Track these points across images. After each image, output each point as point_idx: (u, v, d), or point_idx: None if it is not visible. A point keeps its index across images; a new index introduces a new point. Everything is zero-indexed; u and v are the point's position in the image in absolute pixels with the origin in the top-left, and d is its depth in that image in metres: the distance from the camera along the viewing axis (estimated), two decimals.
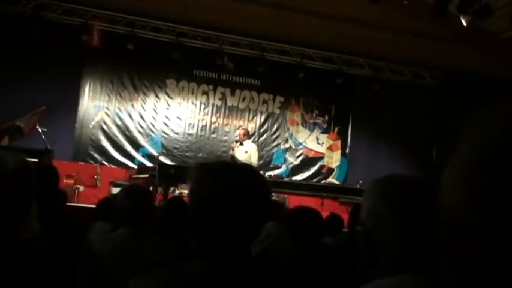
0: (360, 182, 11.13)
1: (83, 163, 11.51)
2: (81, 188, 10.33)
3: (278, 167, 12.75)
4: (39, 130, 9.47)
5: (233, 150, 9.81)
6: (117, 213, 3.02)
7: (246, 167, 1.53)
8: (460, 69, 11.90)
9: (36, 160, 7.50)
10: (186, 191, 10.11)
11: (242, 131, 10.27)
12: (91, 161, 11.63)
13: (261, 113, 13.05)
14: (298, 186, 11.04)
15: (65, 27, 11.06)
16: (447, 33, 10.10)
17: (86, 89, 11.99)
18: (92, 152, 11.77)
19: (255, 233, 1.44)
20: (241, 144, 9.84)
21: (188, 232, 1.44)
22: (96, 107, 12.04)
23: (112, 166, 11.75)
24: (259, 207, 1.41)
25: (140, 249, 2.77)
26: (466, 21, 8.75)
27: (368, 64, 12.66)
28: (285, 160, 12.98)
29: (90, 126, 11.90)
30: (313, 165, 13.22)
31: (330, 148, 13.36)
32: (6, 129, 9.31)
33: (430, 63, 12.21)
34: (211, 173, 1.43)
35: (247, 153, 9.71)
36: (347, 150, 13.43)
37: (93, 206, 6.63)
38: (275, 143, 13.06)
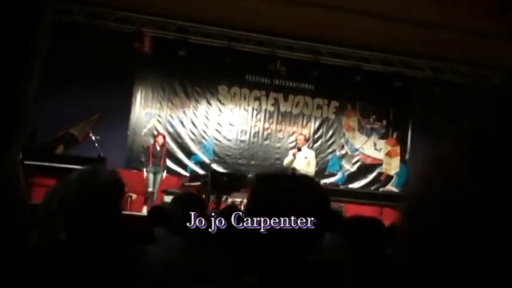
0: None
1: (135, 171, 11.45)
2: (134, 196, 10.29)
3: (333, 175, 12.43)
4: (93, 138, 9.52)
5: (294, 156, 9.47)
6: (170, 222, 3.14)
7: (305, 178, 1.59)
8: None
9: None
10: (238, 200, 9.92)
11: (302, 137, 9.98)
12: (143, 169, 11.55)
13: (315, 119, 12.78)
14: (356, 195, 10.67)
15: (117, 34, 11.08)
16: None
17: (138, 96, 12.02)
18: (144, 160, 11.69)
19: (313, 244, 1.41)
20: (300, 150, 9.53)
21: (245, 243, 1.46)
22: (148, 114, 12.02)
23: (164, 174, 11.64)
24: (318, 218, 1.37)
25: (193, 259, 2.74)
26: None
27: (428, 66, 12.17)
28: (341, 167, 12.63)
29: (142, 133, 11.90)
30: (371, 172, 12.84)
31: (388, 154, 12.95)
32: (61, 137, 9.38)
33: (494, 63, 11.59)
34: (269, 184, 1.44)
35: (306, 159, 9.40)
36: (407, 157, 12.98)
37: (145, 214, 6.48)
38: (330, 150, 12.75)
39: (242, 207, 9.49)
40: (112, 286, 1.79)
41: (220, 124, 12.41)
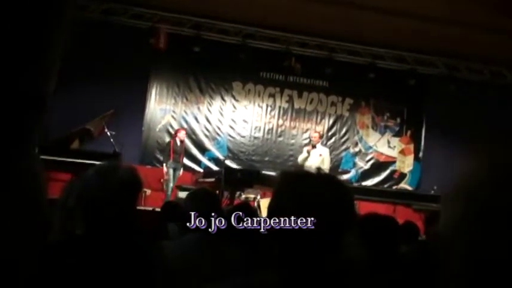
0: (435, 187, 10.58)
1: (149, 167, 11.53)
2: (148, 191, 10.34)
3: (347, 172, 12.39)
4: (108, 133, 9.55)
5: (308, 153, 9.51)
6: (184, 218, 3.03)
7: (330, 177, 1.52)
8: None
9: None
10: (252, 196, 9.94)
11: (317, 134, 10.04)
12: (158, 165, 11.63)
13: (329, 116, 12.75)
14: (369, 192, 10.61)
15: (132, 30, 11.15)
16: None
17: (153, 92, 12.08)
18: (158, 156, 11.76)
19: (334, 243, 1.38)
20: (314, 147, 9.56)
21: (263, 240, 1.44)
22: (163, 110, 12.08)
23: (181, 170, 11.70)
24: (342, 218, 1.38)
25: (207, 255, 2.76)
26: None
27: (443, 63, 12.08)
28: (355, 164, 12.61)
29: (157, 129, 11.96)
30: (384, 170, 12.80)
31: (402, 152, 12.89)
32: (76, 132, 9.44)
33: (510, 60, 11.48)
34: (293, 182, 1.43)
35: (321, 156, 9.44)
36: (420, 154, 12.93)
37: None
38: (344, 147, 12.73)
39: (255, 204, 9.54)
40: (127, 280, 1.81)
41: (235, 121, 12.43)
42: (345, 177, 12.13)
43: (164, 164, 10.43)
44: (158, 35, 11.22)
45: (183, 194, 9.23)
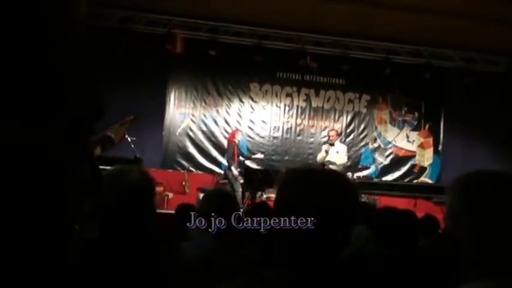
0: None
1: (171, 170, 11.69)
2: (170, 195, 10.47)
3: (367, 168, 12.38)
4: (129, 139, 9.68)
5: (327, 152, 9.55)
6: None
7: (334, 173, 1.53)
8: None
9: None
10: (273, 195, 9.97)
11: (334, 132, 10.06)
12: (179, 168, 11.80)
13: (347, 113, 12.77)
14: (389, 187, 10.61)
15: (149, 37, 11.31)
16: None
17: (172, 97, 12.22)
18: (179, 159, 11.94)
19: (341, 240, 1.38)
20: (332, 145, 9.62)
21: (271, 237, 1.44)
22: (182, 114, 12.22)
23: (199, 172, 11.85)
24: (346, 214, 1.37)
25: (224, 255, 2.76)
26: None
27: (459, 56, 12.00)
28: (374, 160, 12.60)
29: (177, 133, 12.10)
30: (404, 164, 12.77)
31: (421, 146, 12.84)
32: (97, 140, 9.57)
33: None
34: (297, 178, 1.42)
35: (338, 153, 9.49)
36: (440, 148, 12.86)
37: None
38: (363, 143, 12.73)
39: None
40: (140, 281, 1.85)
41: (253, 121, 12.52)
42: (365, 173, 12.14)
43: (232, 167, 10.20)
44: (174, 40, 11.37)
45: None
